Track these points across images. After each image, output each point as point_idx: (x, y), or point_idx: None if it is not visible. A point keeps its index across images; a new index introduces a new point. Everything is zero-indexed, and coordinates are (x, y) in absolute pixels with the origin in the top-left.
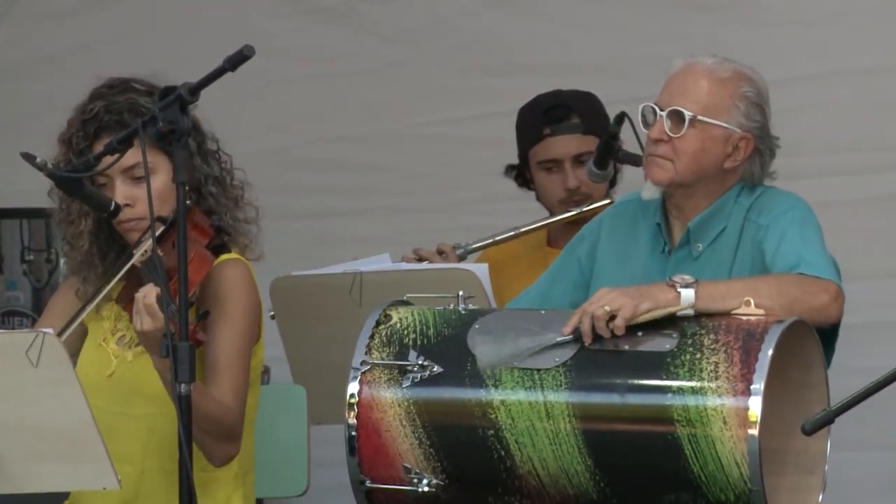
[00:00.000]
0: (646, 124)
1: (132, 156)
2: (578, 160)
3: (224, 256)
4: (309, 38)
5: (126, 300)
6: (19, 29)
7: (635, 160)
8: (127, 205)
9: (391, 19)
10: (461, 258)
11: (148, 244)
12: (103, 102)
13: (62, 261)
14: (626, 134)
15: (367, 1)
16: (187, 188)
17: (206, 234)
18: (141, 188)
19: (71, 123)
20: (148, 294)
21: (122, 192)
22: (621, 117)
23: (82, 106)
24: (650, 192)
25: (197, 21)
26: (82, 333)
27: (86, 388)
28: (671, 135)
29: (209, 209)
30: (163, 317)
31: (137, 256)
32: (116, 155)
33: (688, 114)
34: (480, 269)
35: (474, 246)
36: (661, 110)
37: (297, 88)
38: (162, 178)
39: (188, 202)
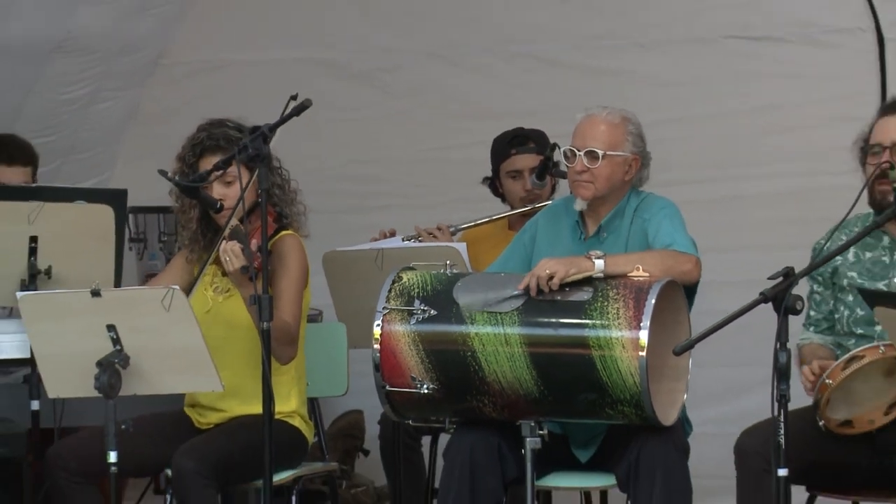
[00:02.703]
0: (566, 158)
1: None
2: (533, 171)
3: (284, 233)
4: (345, 94)
5: (218, 261)
6: (157, 90)
7: (563, 175)
8: (223, 203)
9: (399, 81)
10: (453, 234)
11: (233, 220)
12: (206, 133)
13: None
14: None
15: (383, 69)
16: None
17: (272, 215)
18: (230, 189)
19: (184, 147)
20: (231, 244)
21: (217, 191)
22: (553, 147)
23: (192, 136)
24: (580, 205)
25: (273, 82)
26: (189, 280)
27: None
28: (589, 166)
29: (274, 203)
30: (244, 256)
31: (227, 229)
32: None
33: (600, 152)
34: (461, 247)
35: (462, 226)
36: (579, 151)
37: (337, 127)
38: (243, 183)
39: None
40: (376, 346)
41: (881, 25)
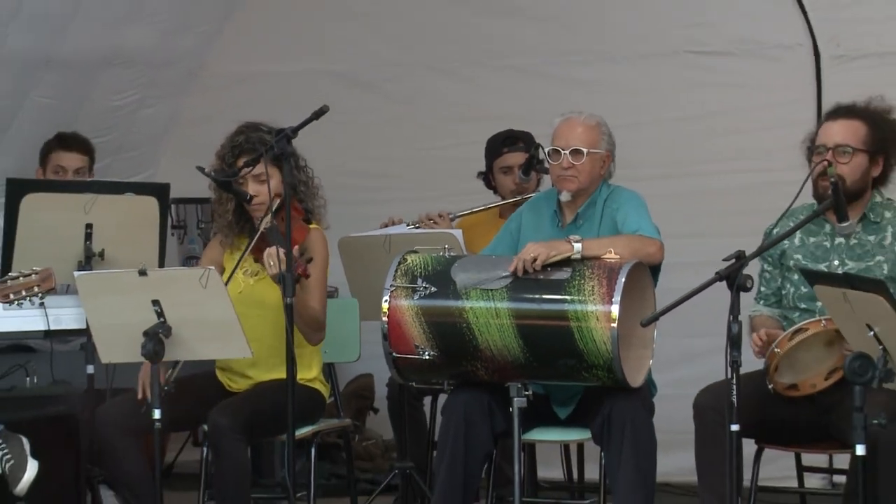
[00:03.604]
0: (551, 157)
1: (258, 168)
2: (521, 167)
3: (310, 227)
4: (353, 101)
5: (253, 251)
6: (195, 98)
7: (546, 170)
8: (254, 196)
9: (399, 89)
10: (452, 220)
11: (268, 218)
12: (244, 136)
13: None
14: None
15: (384, 78)
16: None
17: (301, 213)
18: (262, 186)
19: (223, 146)
20: (275, 251)
21: (251, 188)
22: (537, 146)
23: (230, 136)
24: (566, 197)
25: (292, 91)
26: (221, 266)
27: None
28: (574, 163)
29: (301, 199)
30: (286, 261)
31: (263, 226)
32: (251, 167)
33: (584, 150)
34: (458, 233)
35: (459, 214)
36: (564, 150)
37: (347, 129)
38: (274, 181)
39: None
40: (384, 319)
41: (817, 42)
